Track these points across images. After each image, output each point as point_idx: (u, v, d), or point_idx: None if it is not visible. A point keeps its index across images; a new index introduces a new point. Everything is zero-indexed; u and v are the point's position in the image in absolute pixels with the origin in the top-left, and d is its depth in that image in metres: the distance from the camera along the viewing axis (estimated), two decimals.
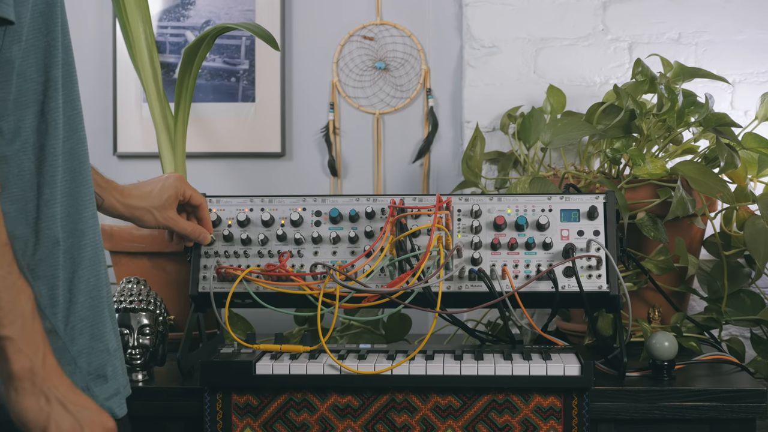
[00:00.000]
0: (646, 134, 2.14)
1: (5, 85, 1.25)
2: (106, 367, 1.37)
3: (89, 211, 1.37)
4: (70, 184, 1.33)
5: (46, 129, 1.29)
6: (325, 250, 1.89)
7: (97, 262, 1.37)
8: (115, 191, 1.75)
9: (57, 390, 1.22)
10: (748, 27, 2.47)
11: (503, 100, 2.50)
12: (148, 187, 1.81)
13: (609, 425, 1.76)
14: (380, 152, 2.61)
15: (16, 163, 1.27)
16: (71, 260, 1.33)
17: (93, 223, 1.37)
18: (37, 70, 1.28)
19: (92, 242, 1.36)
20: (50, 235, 1.29)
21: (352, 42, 2.61)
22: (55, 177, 1.30)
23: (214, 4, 2.61)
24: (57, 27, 1.30)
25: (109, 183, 1.75)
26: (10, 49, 1.24)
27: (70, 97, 1.34)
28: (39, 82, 1.29)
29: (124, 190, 1.77)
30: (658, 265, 2.05)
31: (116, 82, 2.61)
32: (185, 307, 2.03)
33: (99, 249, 1.38)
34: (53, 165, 1.29)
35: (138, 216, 1.79)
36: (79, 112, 1.36)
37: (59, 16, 1.31)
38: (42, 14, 1.28)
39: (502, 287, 1.81)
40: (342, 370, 1.72)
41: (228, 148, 2.62)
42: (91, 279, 1.36)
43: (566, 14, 2.50)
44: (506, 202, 1.88)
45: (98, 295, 1.37)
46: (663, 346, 1.82)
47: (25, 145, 1.27)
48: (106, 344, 1.37)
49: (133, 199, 1.78)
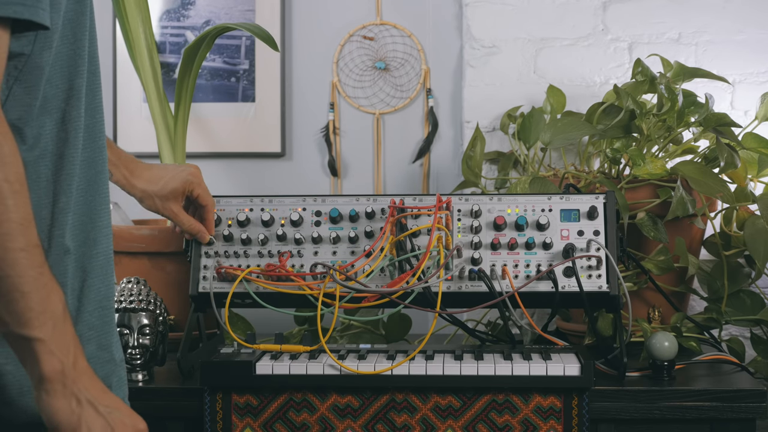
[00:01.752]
0: (646, 134, 2.14)
1: (33, 90, 1.24)
2: (111, 378, 1.36)
3: (104, 221, 1.36)
4: (85, 193, 1.33)
5: (66, 137, 1.28)
6: (325, 250, 1.89)
7: (108, 271, 1.37)
8: (124, 168, 1.77)
9: (88, 392, 1.20)
10: (748, 27, 2.47)
11: (503, 100, 2.50)
12: (160, 172, 1.82)
13: (609, 425, 1.76)
14: (380, 152, 2.61)
15: (34, 169, 1.26)
16: (81, 269, 1.32)
17: (107, 233, 1.36)
18: (61, 78, 1.27)
19: (104, 252, 1.36)
20: (61, 243, 1.29)
21: (352, 42, 2.61)
22: (71, 186, 1.29)
23: (214, 4, 2.61)
24: (85, 36, 1.29)
25: (122, 159, 1.76)
26: (41, 55, 1.23)
27: (91, 106, 1.33)
28: (63, 90, 1.28)
29: (136, 169, 1.79)
30: (658, 265, 2.05)
31: (116, 82, 2.61)
32: (185, 307, 2.03)
33: (110, 258, 1.38)
34: (70, 174, 1.29)
35: (140, 197, 1.81)
36: (100, 122, 1.35)
37: (88, 25, 1.30)
38: (71, 21, 1.27)
39: (502, 287, 1.81)
40: (342, 370, 1.72)
41: (228, 148, 2.62)
42: (102, 288, 1.35)
43: (566, 14, 2.50)
44: (506, 202, 1.88)
45: (108, 305, 1.36)
46: (663, 346, 1.82)
47: (45, 152, 1.26)
48: (112, 354, 1.36)
49: (140, 181, 1.79)
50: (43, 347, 1.17)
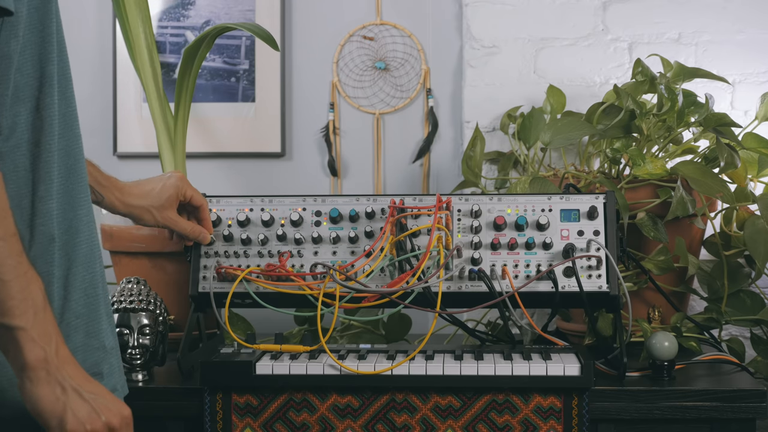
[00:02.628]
0: (646, 134, 2.14)
1: (3, 80, 1.24)
2: (101, 365, 1.36)
3: (84, 209, 1.36)
4: (65, 181, 1.33)
5: (41, 125, 1.28)
6: (325, 250, 1.89)
7: (92, 259, 1.37)
8: (115, 189, 1.75)
9: (72, 379, 1.21)
10: (748, 27, 2.47)
11: (503, 100, 2.50)
12: (149, 185, 1.81)
13: (609, 425, 1.75)
14: (380, 152, 2.61)
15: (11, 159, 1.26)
16: (66, 257, 1.33)
17: (88, 221, 1.36)
18: (32, 66, 1.27)
19: (87, 240, 1.36)
20: (46, 231, 1.29)
21: (352, 42, 2.61)
22: (51, 173, 1.29)
23: (214, 4, 2.61)
24: (52, 23, 1.29)
25: (110, 180, 1.75)
26: (8, 44, 1.23)
27: (65, 94, 1.33)
28: (35, 78, 1.28)
29: (125, 188, 1.77)
30: (658, 265, 2.05)
31: (116, 82, 2.61)
32: (185, 307, 2.03)
33: (95, 247, 1.38)
34: (48, 161, 1.29)
35: (137, 214, 1.79)
36: (74, 110, 1.35)
37: (54, 12, 1.30)
38: (37, 9, 1.28)
39: (502, 287, 1.81)
40: (342, 370, 1.72)
41: (228, 148, 2.62)
42: (87, 276, 1.35)
43: (566, 14, 2.50)
44: (506, 202, 1.88)
45: (94, 292, 1.36)
46: (663, 346, 1.82)
47: (21, 141, 1.26)
48: (101, 342, 1.37)
49: (132, 198, 1.78)
50: (25, 335, 1.18)
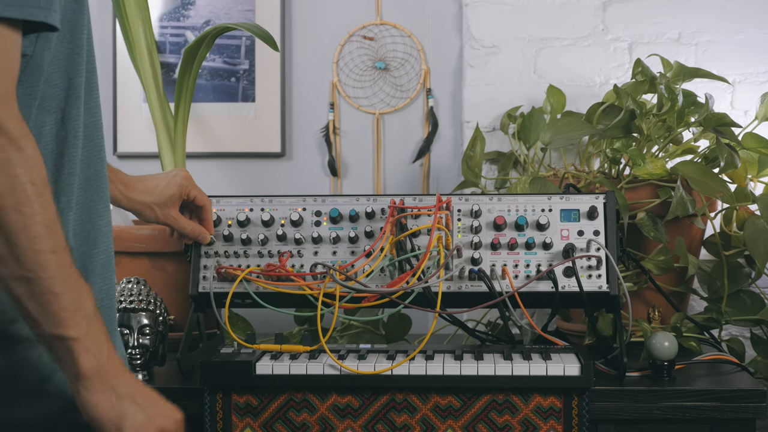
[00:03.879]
0: (646, 134, 2.14)
1: (32, 91, 1.24)
2: None
3: (103, 219, 1.36)
4: (84, 192, 1.33)
5: (66, 136, 1.29)
6: (325, 250, 1.88)
7: (108, 270, 1.37)
8: (120, 183, 1.75)
9: (125, 386, 1.22)
10: (748, 27, 2.47)
11: (503, 100, 2.50)
12: (154, 182, 1.81)
13: (609, 425, 1.76)
14: (380, 152, 2.61)
15: None
16: (83, 268, 1.33)
17: (106, 232, 1.37)
18: (60, 77, 1.28)
19: (105, 251, 1.36)
20: None
21: (352, 42, 2.61)
22: (72, 185, 1.30)
23: (214, 4, 2.61)
24: (83, 35, 1.30)
25: (116, 174, 1.75)
26: (42, 56, 1.23)
27: (89, 105, 1.34)
28: (62, 89, 1.28)
29: (129, 182, 1.78)
30: (658, 265, 2.05)
31: (116, 82, 2.61)
32: (185, 307, 2.03)
33: (111, 258, 1.38)
34: (71, 173, 1.29)
35: (138, 210, 1.80)
36: (98, 120, 1.36)
37: (86, 24, 1.31)
38: (69, 21, 1.28)
39: (502, 287, 1.81)
40: (342, 370, 1.72)
41: (228, 148, 2.62)
42: (102, 287, 1.36)
43: (566, 14, 2.50)
44: (506, 202, 1.88)
45: (109, 303, 1.37)
46: (663, 346, 1.82)
47: (45, 151, 1.26)
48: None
49: (136, 194, 1.78)
50: (79, 345, 1.18)
